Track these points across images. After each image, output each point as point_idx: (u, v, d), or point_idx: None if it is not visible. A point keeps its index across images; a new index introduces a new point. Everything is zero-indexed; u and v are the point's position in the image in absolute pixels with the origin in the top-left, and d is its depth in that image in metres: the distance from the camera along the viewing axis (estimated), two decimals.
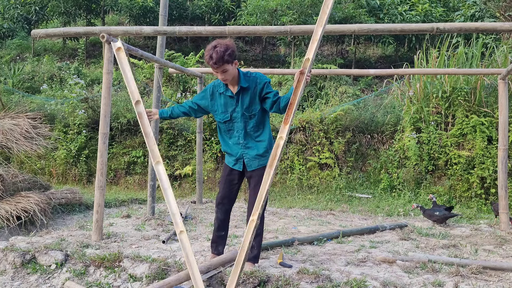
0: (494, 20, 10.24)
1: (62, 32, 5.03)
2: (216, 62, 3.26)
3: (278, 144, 3.03)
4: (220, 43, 3.32)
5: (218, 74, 3.35)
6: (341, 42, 13.89)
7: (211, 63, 3.29)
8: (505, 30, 4.05)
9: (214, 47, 3.30)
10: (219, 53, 3.25)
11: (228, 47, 3.29)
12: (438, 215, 5.70)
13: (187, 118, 10.18)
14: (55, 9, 14.53)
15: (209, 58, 3.30)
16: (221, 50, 3.25)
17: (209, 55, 3.29)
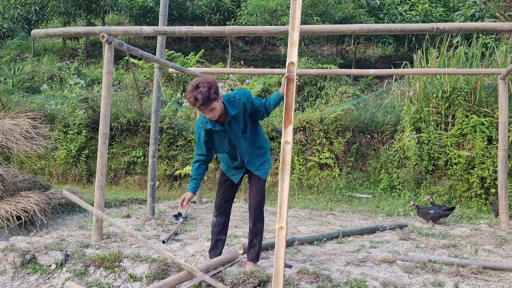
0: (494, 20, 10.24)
1: (62, 32, 5.03)
2: (203, 103, 3.14)
3: (285, 149, 3.01)
4: (201, 82, 3.19)
5: (205, 113, 3.24)
6: (341, 42, 13.89)
7: (197, 105, 3.16)
8: (505, 30, 4.05)
9: (196, 87, 3.17)
10: (204, 94, 3.13)
11: (211, 85, 3.17)
12: (432, 213, 5.77)
13: (187, 118, 10.18)
14: (55, 9, 14.53)
15: (195, 100, 3.16)
16: (205, 90, 3.13)
17: (194, 97, 3.15)
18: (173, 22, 14.65)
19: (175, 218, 5.54)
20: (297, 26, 2.99)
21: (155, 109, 5.64)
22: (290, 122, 2.98)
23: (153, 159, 5.64)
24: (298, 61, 10.96)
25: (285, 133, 2.99)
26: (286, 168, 2.98)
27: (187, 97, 3.25)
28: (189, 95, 3.21)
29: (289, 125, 2.96)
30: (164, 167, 9.55)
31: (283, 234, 2.96)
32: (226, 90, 10.83)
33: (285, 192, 2.98)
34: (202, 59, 12.98)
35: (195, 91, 3.16)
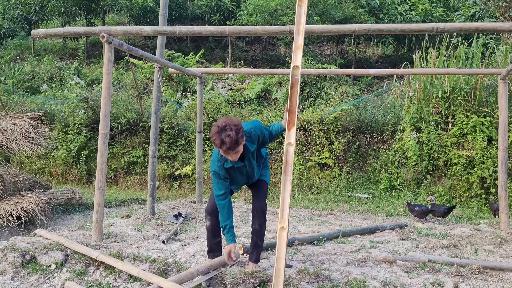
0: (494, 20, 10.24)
1: (62, 32, 5.03)
2: (231, 147, 3.02)
3: (288, 151, 3.03)
4: (228, 124, 3.03)
5: (229, 156, 3.13)
6: (341, 42, 13.89)
7: (224, 149, 3.02)
8: (505, 30, 4.05)
9: (223, 129, 3.01)
10: (233, 138, 2.99)
11: (238, 128, 3.04)
12: (417, 210, 5.96)
13: (187, 118, 10.18)
14: (55, 9, 14.53)
15: (221, 143, 3.00)
16: (233, 133, 2.99)
17: (220, 139, 3.00)
18: (173, 22, 14.65)
19: (175, 218, 5.54)
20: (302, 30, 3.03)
21: (155, 109, 5.64)
22: (293, 125, 3.02)
23: (153, 159, 5.64)
24: None
25: (288, 135, 3.02)
26: (289, 169, 3.00)
27: (213, 138, 3.05)
28: (214, 137, 3.03)
29: (292, 127, 3.00)
30: (164, 167, 9.55)
31: (284, 234, 2.98)
32: (226, 90, 10.83)
33: (287, 193, 3.00)
34: (202, 59, 12.98)
35: (222, 133, 3.00)
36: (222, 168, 3.33)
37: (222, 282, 3.47)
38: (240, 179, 3.52)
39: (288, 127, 3.03)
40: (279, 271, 2.96)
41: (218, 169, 3.33)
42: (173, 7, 14.36)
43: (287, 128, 3.05)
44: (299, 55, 2.94)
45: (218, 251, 3.72)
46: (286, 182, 2.99)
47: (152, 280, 3.34)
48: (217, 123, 3.08)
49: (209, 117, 9.40)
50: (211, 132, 3.07)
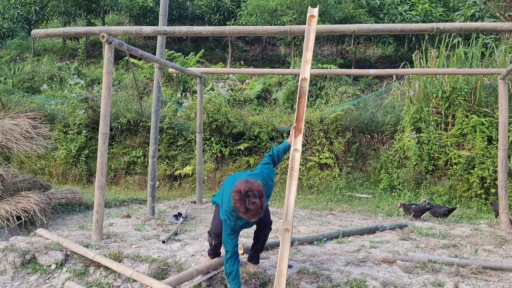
0: (494, 20, 10.24)
1: (62, 32, 5.03)
2: (255, 214, 2.96)
3: (294, 157, 3.08)
4: (250, 189, 2.94)
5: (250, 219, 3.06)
6: (341, 42, 13.89)
7: (249, 215, 2.95)
8: (505, 30, 4.05)
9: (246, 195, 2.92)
10: (258, 205, 2.93)
11: (260, 193, 2.96)
12: (414, 208, 6.04)
13: (187, 118, 10.18)
14: (55, 9, 14.53)
15: (246, 211, 2.93)
16: (258, 201, 2.92)
17: (245, 208, 2.92)
18: (173, 22, 14.65)
19: (175, 218, 5.54)
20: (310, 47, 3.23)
21: (155, 109, 5.64)
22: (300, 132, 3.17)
23: (153, 159, 5.64)
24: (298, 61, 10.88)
25: (295, 142, 3.14)
26: (294, 174, 3.06)
27: (236, 206, 2.96)
28: (238, 204, 2.94)
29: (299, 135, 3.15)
30: (164, 167, 9.55)
31: (288, 236, 3.02)
32: (226, 90, 10.83)
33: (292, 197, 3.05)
34: (202, 59, 12.98)
35: (246, 201, 2.92)
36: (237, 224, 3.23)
37: (222, 282, 3.47)
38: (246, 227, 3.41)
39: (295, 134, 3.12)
40: (281, 272, 2.97)
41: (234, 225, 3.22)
42: (173, 7, 14.36)
43: (294, 135, 3.13)
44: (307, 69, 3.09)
45: (219, 253, 3.73)
46: (291, 187, 3.05)
47: (146, 281, 3.35)
48: (238, 188, 2.97)
49: (209, 117, 9.40)
50: (234, 198, 2.97)
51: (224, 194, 3.30)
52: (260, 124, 9.56)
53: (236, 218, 3.18)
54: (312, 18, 3.23)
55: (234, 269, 3.17)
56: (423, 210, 6.06)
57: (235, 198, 2.96)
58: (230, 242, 3.21)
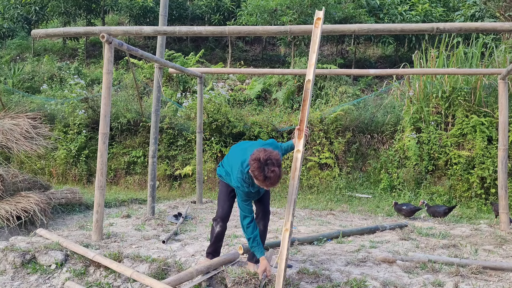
0: (494, 20, 10.24)
1: (62, 32, 5.04)
2: (273, 183, 3.02)
3: (297, 158, 3.12)
4: (269, 158, 2.98)
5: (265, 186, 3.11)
6: (341, 42, 13.88)
7: (267, 183, 3.00)
8: (505, 30, 4.05)
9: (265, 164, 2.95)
10: (277, 173, 2.98)
11: (280, 162, 3.02)
12: (405, 209, 6.18)
13: (187, 118, 10.18)
14: (55, 9, 14.53)
15: (265, 179, 2.98)
16: (277, 170, 2.98)
17: (264, 176, 2.97)
18: (173, 22, 14.65)
19: (175, 218, 5.54)
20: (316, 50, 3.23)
21: (155, 109, 5.64)
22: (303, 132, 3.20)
23: (153, 159, 5.64)
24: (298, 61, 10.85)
25: (298, 143, 3.16)
26: (296, 174, 3.08)
27: (255, 174, 3.01)
28: (257, 172, 2.99)
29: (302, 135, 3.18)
30: (164, 167, 9.55)
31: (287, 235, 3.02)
32: (226, 90, 10.83)
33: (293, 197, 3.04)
34: (202, 59, 12.98)
35: (265, 169, 2.97)
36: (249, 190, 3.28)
37: (222, 281, 3.47)
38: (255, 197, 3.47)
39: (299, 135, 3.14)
40: (281, 271, 2.97)
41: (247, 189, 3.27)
42: (173, 7, 14.36)
43: (298, 137, 3.16)
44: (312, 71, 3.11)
45: (218, 253, 3.72)
46: (294, 187, 3.06)
47: (146, 281, 3.35)
48: (257, 156, 3.00)
49: (209, 117, 9.40)
50: (252, 166, 3.01)
51: (234, 163, 3.33)
52: (260, 124, 9.57)
53: (249, 185, 3.24)
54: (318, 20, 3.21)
55: (256, 234, 3.25)
56: (413, 211, 6.21)
57: (254, 166, 2.99)
58: (246, 208, 3.27)
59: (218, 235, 3.60)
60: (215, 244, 3.66)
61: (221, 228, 3.58)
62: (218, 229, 3.58)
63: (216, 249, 3.69)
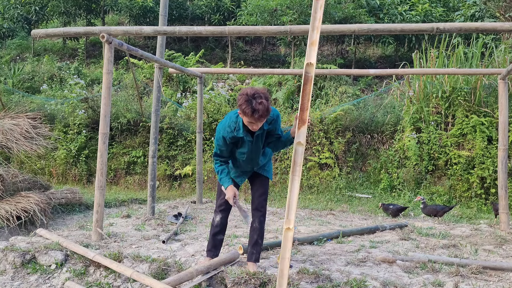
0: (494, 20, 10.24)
1: (62, 32, 5.03)
2: (263, 115, 2.96)
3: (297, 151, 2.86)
4: (257, 92, 2.96)
5: (254, 124, 3.07)
6: (341, 42, 13.89)
7: (256, 116, 2.95)
8: (505, 30, 4.05)
9: (252, 97, 2.93)
10: (265, 105, 2.94)
11: (267, 96, 3.00)
12: (392, 208, 6.32)
13: (186, 118, 10.19)
14: (55, 9, 14.54)
15: (253, 111, 2.93)
16: (265, 102, 2.94)
17: (252, 108, 2.92)
18: (173, 22, 14.65)
19: (175, 218, 5.54)
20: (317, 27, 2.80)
21: (155, 109, 5.64)
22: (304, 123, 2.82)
23: (153, 159, 5.64)
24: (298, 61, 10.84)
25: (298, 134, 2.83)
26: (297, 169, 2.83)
27: (242, 107, 2.96)
28: (244, 105, 2.94)
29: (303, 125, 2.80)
30: (164, 167, 9.55)
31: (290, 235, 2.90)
32: (226, 90, 10.83)
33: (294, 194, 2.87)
34: (202, 59, 12.98)
35: (252, 101, 2.93)
36: (231, 134, 3.23)
37: (222, 282, 3.47)
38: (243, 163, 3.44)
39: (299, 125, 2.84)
40: (282, 272, 2.94)
41: (226, 133, 3.22)
42: (173, 7, 14.36)
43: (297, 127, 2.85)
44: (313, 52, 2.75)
45: (219, 250, 3.70)
46: (294, 182, 2.84)
47: (146, 281, 3.35)
48: (244, 91, 2.97)
49: (209, 117, 9.40)
50: (240, 100, 2.96)
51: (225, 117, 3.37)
52: None
53: (233, 129, 3.21)
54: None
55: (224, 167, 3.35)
56: (400, 210, 6.31)
57: (241, 100, 2.94)
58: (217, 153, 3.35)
59: (217, 224, 3.58)
60: (213, 238, 3.62)
61: (221, 220, 3.57)
62: (216, 218, 3.57)
63: (216, 245, 3.64)
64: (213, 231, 3.63)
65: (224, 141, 3.30)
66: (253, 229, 3.53)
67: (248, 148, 3.36)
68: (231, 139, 3.28)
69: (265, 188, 3.58)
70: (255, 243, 3.52)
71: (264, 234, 3.60)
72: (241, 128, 3.22)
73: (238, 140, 3.31)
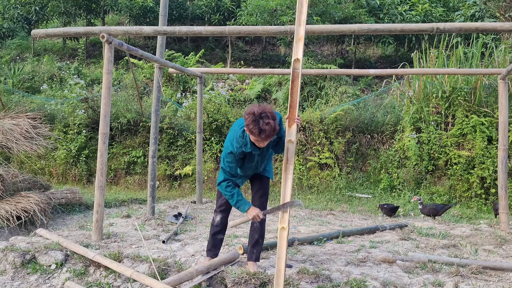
0: (494, 20, 10.24)
1: (62, 32, 5.04)
2: (269, 135, 2.95)
3: (288, 148, 2.97)
4: (264, 111, 2.93)
5: (261, 142, 3.06)
6: (341, 42, 13.89)
7: (262, 137, 2.94)
8: (505, 30, 4.05)
9: (259, 117, 2.91)
10: (272, 126, 2.92)
11: (274, 116, 2.97)
12: (386, 207, 6.51)
13: (186, 118, 10.18)
14: (55, 9, 14.53)
15: (260, 132, 2.91)
16: (272, 122, 2.92)
17: (259, 129, 2.91)
18: (173, 22, 14.65)
19: (175, 218, 5.54)
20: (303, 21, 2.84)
21: (155, 109, 5.64)
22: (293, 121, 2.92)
23: (153, 159, 5.64)
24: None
25: (289, 133, 2.95)
26: (290, 167, 2.92)
27: (249, 127, 2.95)
28: (251, 125, 2.93)
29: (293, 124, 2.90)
30: (164, 167, 9.55)
31: (285, 234, 2.93)
32: (226, 90, 10.82)
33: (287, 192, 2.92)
34: (202, 59, 12.98)
35: (260, 122, 2.91)
36: (240, 149, 3.22)
37: (222, 282, 3.47)
38: (248, 169, 3.45)
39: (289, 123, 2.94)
40: (279, 272, 2.95)
41: (236, 149, 3.20)
42: (173, 7, 14.36)
43: (288, 125, 2.98)
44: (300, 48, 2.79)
45: (219, 249, 3.71)
46: (287, 181, 2.92)
47: (146, 281, 3.35)
48: (251, 110, 2.95)
49: (209, 117, 9.40)
50: (247, 120, 2.95)
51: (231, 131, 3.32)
52: None
53: (242, 145, 3.18)
54: None
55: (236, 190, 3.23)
56: (392, 209, 6.46)
57: (248, 119, 2.93)
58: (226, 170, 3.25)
59: (217, 224, 3.59)
60: (213, 237, 3.63)
61: (222, 219, 3.58)
62: (216, 218, 3.58)
63: (216, 244, 3.65)
64: (213, 230, 3.65)
65: (234, 157, 3.25)
66: (253, 229, 3.54)
67: (255, 160, 3.39)
68: (239, 155, 3.26)
69: (265, 188, 3.59)
70: (255, 243, 3.53)
71: (264, 234, 3.61)
72: (248, 143, 3.19)
73: (245, 155, 3.30)
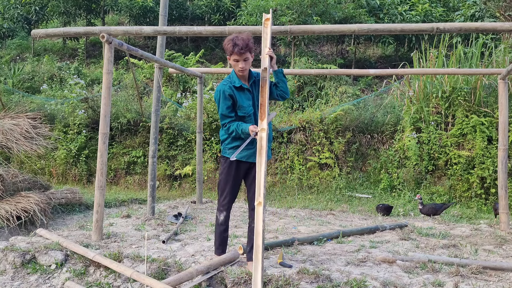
0: (494, 20, 10.24)
1: (62, 32, 5.03)
2: (242, 48, 3.31)
3: (262, 137, 3.29)
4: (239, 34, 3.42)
5: (239, 63, 3.39)
6: (341, 42, 13.90)
7: (236, 50, 3.32)
8: (505, 30, 4.05)
9: (235, 36, 3.37)
10: (245, 40, 3.34)
11: (249, 37, 3.42)
12: (381, 207, 6.63)
13: (187, 118, 10.18)
14: (55, 9, 14.54)
15: (233, 46, 3.32)
16: (245, 38, 3.36)
17: (233, 43, 3.33)
18: (173, 22, 14.66)
19: (175, 218, 5.54)
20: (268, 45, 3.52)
21: (155, 109, 5.64)
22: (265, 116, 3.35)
23: (153, 159, 5.64)
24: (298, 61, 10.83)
25: (261, 124, 3.32)
26: (263, 152, 3.27)
27: (226, 45, 3.37)
28: (227, 43, 3.35)
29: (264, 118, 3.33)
30: (164, 167, 9.55)
31: (261, 210, 3.15)
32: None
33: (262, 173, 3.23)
34: (202, 59, 12.98)
35: (234, 38, 3.34)
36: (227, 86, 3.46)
37: (222, 281, 3.47)
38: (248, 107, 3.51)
39: (261, 117, 3.32)
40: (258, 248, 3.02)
41: (223, 87, 3.47)
42: (173, 7, 14.37)
43: (260, 118, 3.32)
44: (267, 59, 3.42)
45: (226, 246, 3.72)
46: (262, 164, 3.23)
47: (146, 282, 3.35)
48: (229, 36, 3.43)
49: (209, 117, 9.40)
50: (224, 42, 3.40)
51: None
52: None
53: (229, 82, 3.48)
54: (267, 21, 3.63)
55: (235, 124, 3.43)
56: (387, 208, 6.56)
57: (225, 40, 3.38)
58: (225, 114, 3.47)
59: (222, 223, 3.61)
60: (219, 235, 3.66)
61: (225, 218, 3.61)
62: (220, 217, 3.61)
63: (223, 242, 3.69)
64: (219, 229, 3.66)
65: (224, 95, 3.46)
66: (251, 229, 3.53)
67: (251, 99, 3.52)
68: (230, 91, 3.46)
69: None
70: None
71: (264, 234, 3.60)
72: (235, 78, 3.49)
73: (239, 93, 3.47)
